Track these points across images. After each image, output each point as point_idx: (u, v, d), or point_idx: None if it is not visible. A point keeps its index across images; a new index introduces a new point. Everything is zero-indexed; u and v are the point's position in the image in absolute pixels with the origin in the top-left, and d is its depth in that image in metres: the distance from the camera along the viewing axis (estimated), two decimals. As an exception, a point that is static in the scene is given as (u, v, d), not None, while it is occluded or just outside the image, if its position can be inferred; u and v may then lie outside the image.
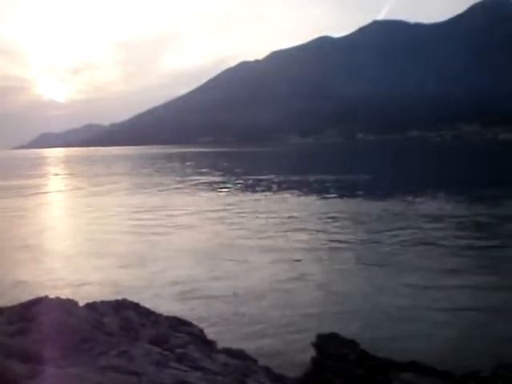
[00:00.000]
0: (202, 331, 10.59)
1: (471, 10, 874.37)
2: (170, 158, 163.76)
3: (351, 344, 10.43)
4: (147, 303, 10.42)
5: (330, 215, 32.52)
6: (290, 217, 32.08)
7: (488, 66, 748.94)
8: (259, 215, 32.69)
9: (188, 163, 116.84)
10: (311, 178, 63.23)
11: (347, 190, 47.99)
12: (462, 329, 13.13)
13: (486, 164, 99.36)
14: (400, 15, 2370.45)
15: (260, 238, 24.70)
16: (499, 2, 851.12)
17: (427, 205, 36.57)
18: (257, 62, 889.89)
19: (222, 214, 34.50)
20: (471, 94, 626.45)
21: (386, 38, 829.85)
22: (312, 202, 40.13)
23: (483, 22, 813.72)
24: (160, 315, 10.48)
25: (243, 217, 32.36)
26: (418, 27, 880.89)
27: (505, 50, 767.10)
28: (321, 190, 47.81)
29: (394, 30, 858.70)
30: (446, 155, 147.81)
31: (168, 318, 10.55)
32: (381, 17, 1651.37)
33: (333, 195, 43.98)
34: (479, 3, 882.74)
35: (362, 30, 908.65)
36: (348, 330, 11.97)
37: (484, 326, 13.34)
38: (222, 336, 11.95)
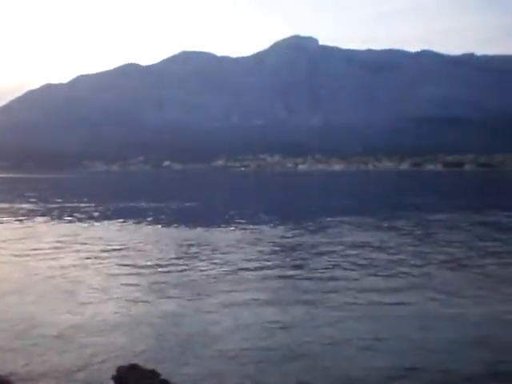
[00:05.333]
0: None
1: (275, 47, 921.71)
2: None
3: (151, 374, 10.11)
4: None
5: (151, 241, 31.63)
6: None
7: (289, 100, 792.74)
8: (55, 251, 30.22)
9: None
10: (132, 205, 61.73)
11: (178, 217, 47.45)
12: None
13: (299, 192, 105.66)
14: (208, 47, 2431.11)
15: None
16: (300, 41, 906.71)
17: (254, 230, 36.90)
18: (62, 85, 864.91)
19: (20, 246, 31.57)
20: (273, 127, 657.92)
21: (193, 68, 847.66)
22: (137, 229, 38.51)
23: (286, 59, 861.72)
24: None
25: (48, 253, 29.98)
26: (225, 60, 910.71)
27: (305, 86, 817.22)
28: (146, 218, 46.12)
29: (201, 60, 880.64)
30: (259, 184, 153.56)
31: None
32: (189, 47, 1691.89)
33: (162, 222, 42.57)
34: (282, 41, 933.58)
35: (170, 60, 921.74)
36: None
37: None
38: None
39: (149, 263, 24.56)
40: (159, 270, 23.21)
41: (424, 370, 12.12)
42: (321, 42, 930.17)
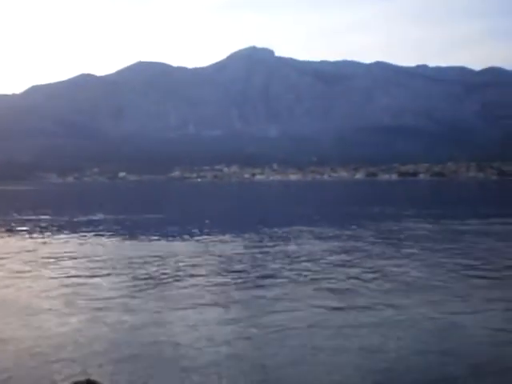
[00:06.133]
0: None
1: (231, 58, 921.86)
2: None
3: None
4: None
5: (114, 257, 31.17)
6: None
7: (245, 111, 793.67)
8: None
9: None
10: (89, 217, 60.53)
11: (136, 229, 46.79)
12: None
13: (256, 202, 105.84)
14: (164, 58, 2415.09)
15: None
16: (256, 52, 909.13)
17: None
18: (15, 95, 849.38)
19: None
20: (229, 138, 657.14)
21: (149, 79, 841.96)
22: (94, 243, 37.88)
23: (242, 70, 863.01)
24: None
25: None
26: (181, 70, 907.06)
27: (261, 97, 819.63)
28: (102, 230, 45.09)
29: (157, 71, 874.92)
30: (216, 195, 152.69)
31: None
32: (145, 58, 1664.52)
33: (120, 235, 41.82)
34: (238, 52, 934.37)
35: (126, 70, 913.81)
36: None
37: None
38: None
39: (107, 276, 24.27)
40: (117, 281, 22.98)
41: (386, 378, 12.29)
42: (276, 54, 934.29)
